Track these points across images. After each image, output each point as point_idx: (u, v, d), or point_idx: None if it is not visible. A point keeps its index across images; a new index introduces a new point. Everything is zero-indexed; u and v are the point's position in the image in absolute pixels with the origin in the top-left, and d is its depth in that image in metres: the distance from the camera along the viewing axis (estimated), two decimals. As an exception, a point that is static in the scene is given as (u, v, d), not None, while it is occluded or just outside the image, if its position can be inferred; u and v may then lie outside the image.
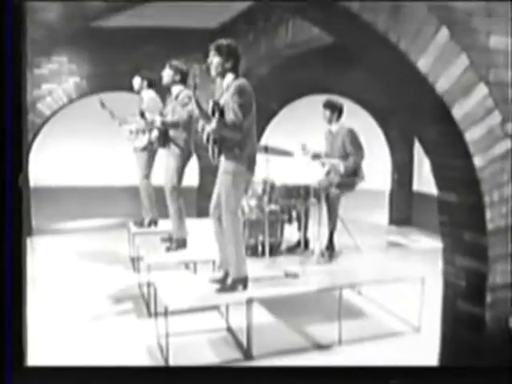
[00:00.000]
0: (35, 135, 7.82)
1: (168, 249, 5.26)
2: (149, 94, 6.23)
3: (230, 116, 3.83)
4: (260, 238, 5.06)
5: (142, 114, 5.42)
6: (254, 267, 4.48)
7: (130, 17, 7.35)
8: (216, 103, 3.83)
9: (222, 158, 3.98)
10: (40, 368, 2.83)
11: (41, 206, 8.10)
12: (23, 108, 2.59)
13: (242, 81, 3.93)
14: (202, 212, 6.88)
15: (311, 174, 5.46)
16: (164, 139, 5.34)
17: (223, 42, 3.97)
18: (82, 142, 9.12)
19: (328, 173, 5.49)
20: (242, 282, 4.04)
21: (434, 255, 6.76)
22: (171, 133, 5.27)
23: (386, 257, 6.41)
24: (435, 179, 3.19)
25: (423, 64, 2.73)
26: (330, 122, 5.54)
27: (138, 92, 6.39)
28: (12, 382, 2.57)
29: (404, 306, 4.73)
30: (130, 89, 6.56)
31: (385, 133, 9.07)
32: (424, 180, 8.65)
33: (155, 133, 5.39)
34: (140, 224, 6.35)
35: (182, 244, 5.28)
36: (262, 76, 6.74)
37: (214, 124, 3.78)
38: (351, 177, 5.33)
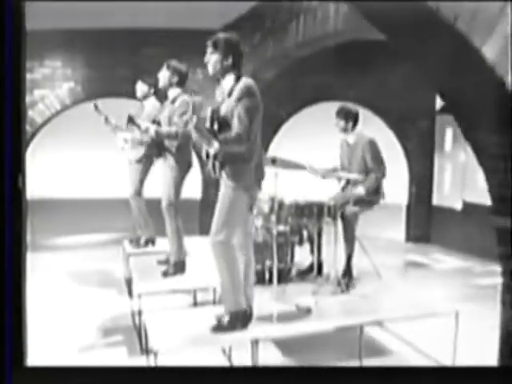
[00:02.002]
0: (26, 144, 7.29)
1: (165, 273, 4.71)
2: (151, 102, 5.67)
3: (234, 125, 3.28)
4: (267, 263, 4.46)
5: (130, 120, 4.79)
6: (260, 299, 3.91)
7: (129, 17, 7.16)
8: (215, 112, 3.25)
9: (224, 173, 3.40)
10: (40, 368, 2.82)
11: (32, 220, 7.53)
12: (22, 107, 2.57)
13: (248, 81, 3.37)
14: (205, 228, 6.39)
15: (325, 190, 4.86)
16: (159, 149, 4.82)
17: (220, 35, 3.40)
18: (76, 152, 8.60)
19: (344, 188, 4.89)
20: (241, 318, 3.48)
21: (462, 278, 6.27)
22: (166, 141, 4.74)
23: (409, 280, 5.75)
24: (492, 201, 2.57)
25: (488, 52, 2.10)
26: (345, 131, 4.96)
27: (142, 99, 5.80)
28: (12, 382, 2.54)
29: (435, 343, 4.09)
30: (130, 95, 6.15)
31: (401, 143, 8.49)
32: (445, 194, 8.06)
33: (148, 141, 4.86)
34: (136, 242, 5.81)
35: (180, 268, 4.74)
36: (269, 80, 6.21)
37: (216, 146, 3.26)
38: (371, 194, 4.73)
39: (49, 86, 7.53)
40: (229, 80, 3.40)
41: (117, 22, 7.11)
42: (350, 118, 4.92)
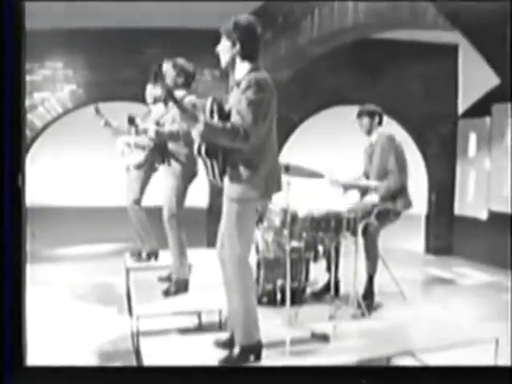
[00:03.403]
0: (26, 150, 6.93)
1: (166, 292, 4.29)
2: (158, 107, 5.25)
3: (234, 118, 2.83)
4: (279, 282, 4.02)
5: (131, 120, 4.37)
6: (271, 323, 3.51)
7: (133, 16, 6.84)
8: (216, 101, 2.83)
9: (226, 180, 2.97)
10: (40, 368, 2.81)
11: (31, 229, 7.16)
12: (22, 106, 2.57)
13: (261, 73, 2.93)
14: (213, 239, 6.01)
15: (344, 201, 4.41)
16: (162, 153, 4.40)
17: (235, 19, 2.96)
18: (78, 158, 8.23)
19: (363, 194, 4.43)
20: (254, 350, 3.05)
21: (491, 294, 5.77)
22: (170, 146, 4.32)
23: (433, 298, 5.27)
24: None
25: None
26: (369, 131, 4.48)
27: (152, 103, 5.39)
28: (12, 382, 2.56)
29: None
30: (134, 98, 5.80)
31: (420, 148, 8.05)
32: (468, 202, 7.60)
33: (150, 145, 4.46)
34: (138, 256, 5.42)
35: (182, 287, 4.32)
36: (282, 82, 5.79)
37: (200, 125, 2.74)
38: (395, 203, 4.26)
39: (49, 88, 7.19)
40: (241, 70, 2.97)
41: (120, 21, 6.81)
42: (374, 116, 4.46)
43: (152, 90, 5.32)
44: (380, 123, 4.48)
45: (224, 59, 2.98)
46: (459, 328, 3.76)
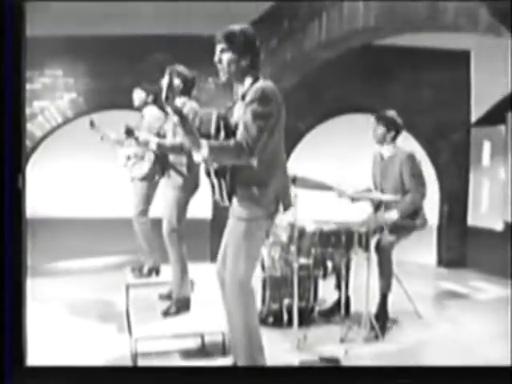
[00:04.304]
0: (25, 159, 6.74)
1: (166, 312, 4.06)
2: (150, 112, 5.08)
3: (238, 132, 2.63)
4: (286, 301, 3.78)
5: (129, 132, 4.13)
6: (278, 347, 3.26)
7: (135, 23, 6.68)
8: (222, 117, 2.61)
9: (235, 200, 2.74)
10: (40, 368, 2.81)
11: (31, 242, 6.95)
12: (22, 105, 2.58)
13: (266, 83, 2.72)
14: (216, 253, 5.80)
15: (354, 213, 4.18)
16: (163, 165, 4.23)
17: (235, 28, 2.75)
18: (78, 169, 8.02)
19: (376, 210, 4.19)
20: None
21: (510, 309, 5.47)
22: (171, 157, 4.12)
23: (448, 314, 4.97)
24: None
25: None
26: (381, 142, 4.27)
27: (140, 109, 5.28)
28: (12, 382, 2.55)
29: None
30: (136, 107, 5.53)
31: (431, 157, 7.79)
32: (482, 213, 7.35)
33: (151, 157, 4.24)
34: (139, 271, 5.22)
35: (183, 306, 4.10)
36: (287, 89, 5.55)
37: (204, 150, 2.55)
38: (414, 220, 4.03)
39: (49, 96, 6.98)
40: (246, 82, 2.78)
41: (122, 27, 6.65)
42: (391, 127, 4.25)
43: (138, 95, 5.17)
44: (396, 137, 4.27)
45: (229, 72, 2.77)
46: (478, 351, 3.51)
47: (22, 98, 2.57)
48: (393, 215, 4.03)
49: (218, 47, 2.76)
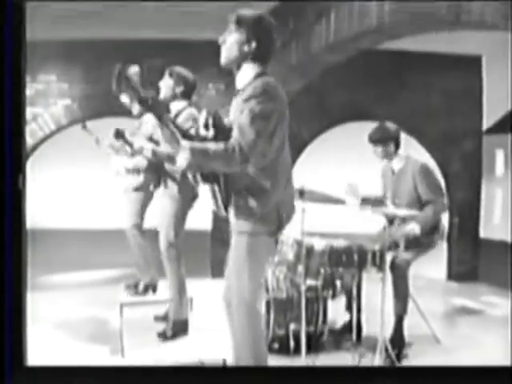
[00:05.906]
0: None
1: (161, 335, 3.77)
2: (148, 119, 4.79)
3: (234, 134, 2.31)
4: (292, 326, 3.46)
5: (118, 135, 3.81)
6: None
7: (132, 27, 6.46)
8: (212, 114, 2.31)
9: (232, 212, 2.44)
10: (40, 368, 2.81)
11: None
12: (22, 105, 2.56)
13: (268, 79, 2.41)
14: (218, 267, 5.53)
15: (365, 228, 3.88)
16: (158, 175, 4.01)
17: (250, 11, 2.46)
18: (73, 178, 7.77)
19: (389, 225, 3.88)
20: None
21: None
22: (167, 165, 3.87)
23: (464, 333, 4.65)
24: None
25: None
26: (387, 157, 4.00)
27: (139, 116, 4.97)
28: (12, 382, 2.55)
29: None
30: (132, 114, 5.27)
31: (441, 167, 7.53)
32: (495, 224, 7.07)
33: (145, 164, 3.99)
34: (134, 288, 4.89)
35: (180, 329, 3.84)
36: (291, 94, 5.26)
37: (185, 153, 2.22)
38: (432, 235, 3.73)
39: (42, 103, 6.76)
40: (247, 74, 2.45)
41: (118, 32, 6.47)
42: (388, 141, 3.99)
43: (124, 100, 4.87)
44: (397, 147, 4.00)
45: (229, 54, 2.45)
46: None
47: (22, 98, 2.54)
48: (414, 229, 3.70)
49: (228, 29, 2.46)
